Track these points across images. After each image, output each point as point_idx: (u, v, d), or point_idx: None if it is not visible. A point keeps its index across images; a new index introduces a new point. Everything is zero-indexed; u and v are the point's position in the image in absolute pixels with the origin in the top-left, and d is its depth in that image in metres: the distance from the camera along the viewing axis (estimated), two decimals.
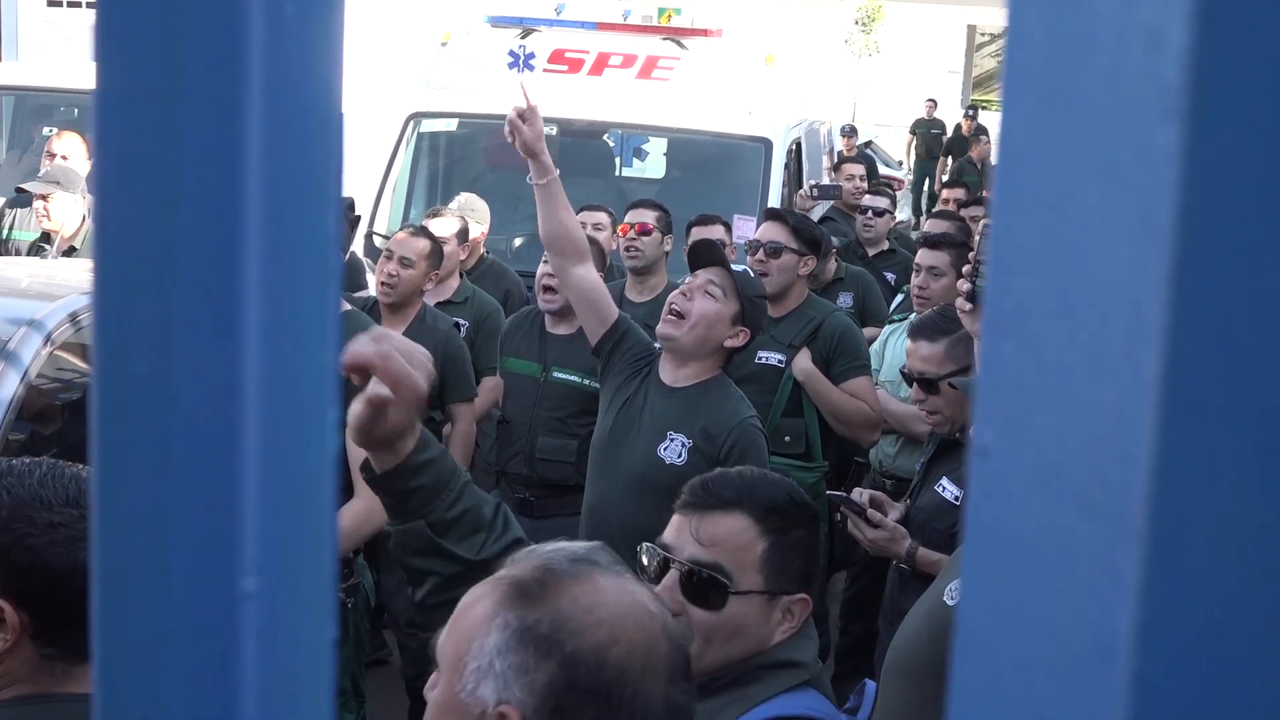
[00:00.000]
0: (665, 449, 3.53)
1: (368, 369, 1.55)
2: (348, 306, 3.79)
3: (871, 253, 7.61)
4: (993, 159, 0.41)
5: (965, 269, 2.60)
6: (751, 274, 3.78)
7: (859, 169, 9.04)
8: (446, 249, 5.44)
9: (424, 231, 5.13)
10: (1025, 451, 0.37)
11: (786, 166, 7.77)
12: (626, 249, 5.49)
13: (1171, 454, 0.34)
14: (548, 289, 4.72)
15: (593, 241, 4.93)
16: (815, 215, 7.61)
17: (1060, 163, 0.35)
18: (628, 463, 3.51)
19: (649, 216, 5.61)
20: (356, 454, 3.71)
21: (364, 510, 3.59)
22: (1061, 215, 0.35)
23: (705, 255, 3.71)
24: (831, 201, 8.48)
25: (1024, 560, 0.36)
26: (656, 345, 3.68)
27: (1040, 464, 0.36)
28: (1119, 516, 0.34)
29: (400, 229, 5.43)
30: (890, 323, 5.58)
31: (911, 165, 19.98)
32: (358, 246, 7.33)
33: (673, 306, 3.56)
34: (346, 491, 3.61)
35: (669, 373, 3.59)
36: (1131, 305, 0.34)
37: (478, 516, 1.67)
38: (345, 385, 4.19)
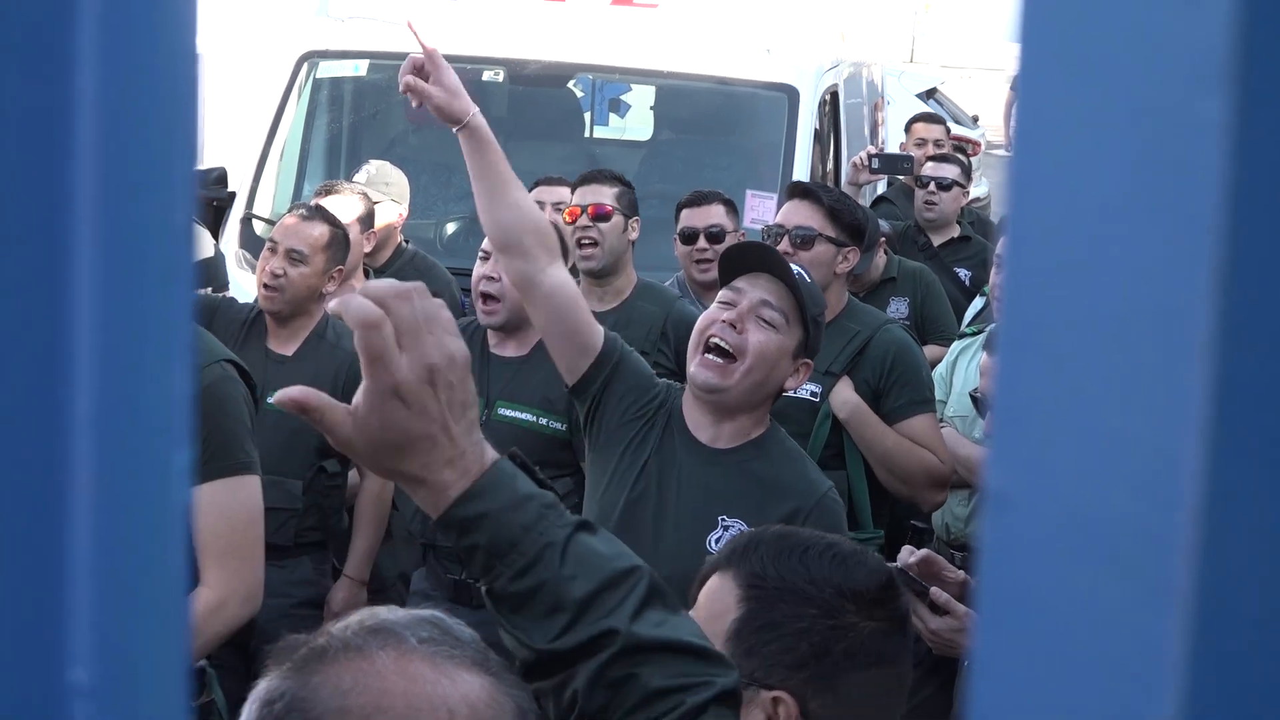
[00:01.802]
0: (718, 540, 3.35)
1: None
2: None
3: (937, 241, 7.63)
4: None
5: None
6: (807, 278, 3.56)
7: (936, 130, 9.01)
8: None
9: (320, 214, 5.17)
10: (1047, 498, 0.40)
11: (818, 133, 7.83)
12: (579, 242, 5.47)
13: (1222, 500, 0.38)
14: (488, 297, 4.74)
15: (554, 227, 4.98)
16: (863, 197, 7.65)
17: (1084, 142, 0.39)
18: (662, 560, 3.24)
19: (606, 194, 5.58)
20: (210, 522, 3.67)
21: (215, 604, 3.55)
22: (1086, 205, 0.39)
23: (753, 259, 3.55)
24: (898, 178, 8.50)
25: (1046, 632, 0.40)
26: (662, 379, 3.59)
27: (1065, 513, 0.40)
28: (1160, 577, 0.38)
29: (289, 211, 5.47)
30: (962, 337, 5.60)
31: (1012, 133, 20.00)
32: (232, 236, 7.36)
33: (713, 341, 3.39)
34: (194, 578, 3.59)
35: (706, 428, 3.46)
36: (1171, 315, 0.38)
37: (558, 595, 1.66)
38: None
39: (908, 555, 3.38)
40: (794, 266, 3.60)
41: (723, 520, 3.42)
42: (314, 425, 1.62)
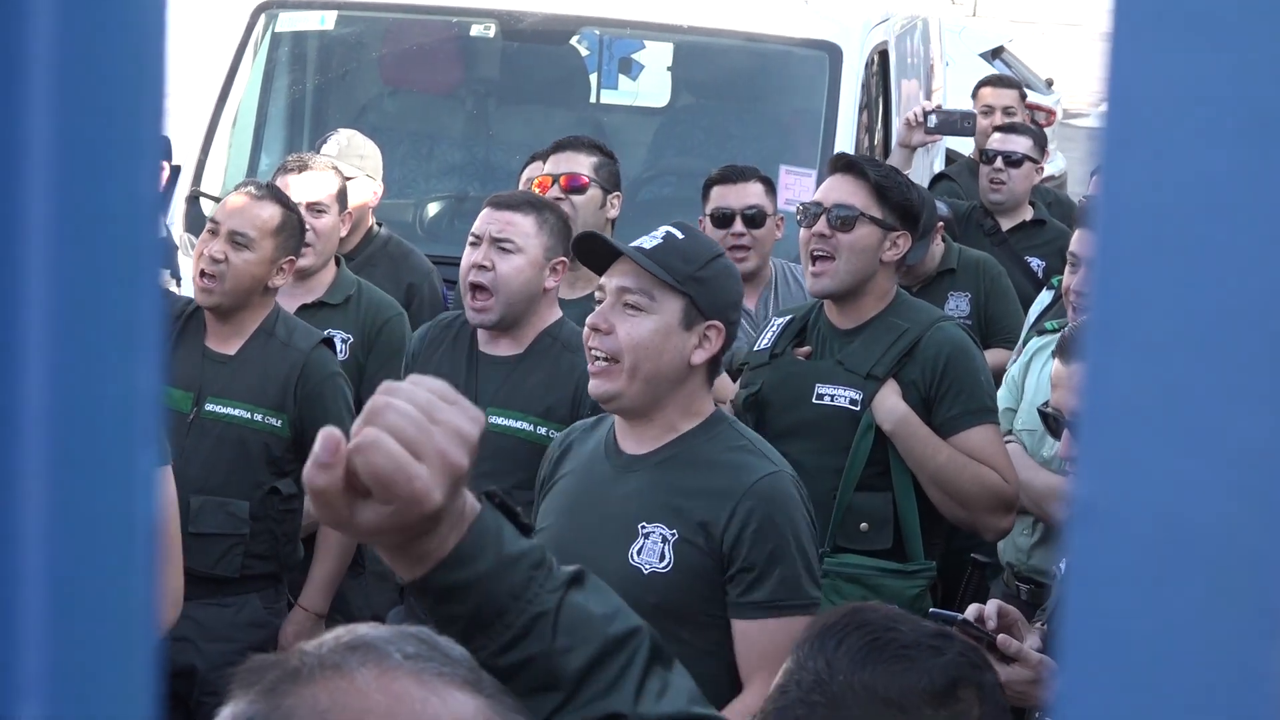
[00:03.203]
0: (640, 551, 3.60)
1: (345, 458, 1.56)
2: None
3: (1006, 225, 7.63)
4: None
5: None
6: (678, 234, 3.73)
7: (1008, 96, 8.97)
8: (322, 221, 5.48)
9: (271, 192, 5.15)
10: (1142, 511, 0.41)
11: (864, 99, 7.81)
12: None
13: None
14: (478, 288, 4.75)
15: (553, 208, 4.99)
16: (915, 173, 7.62)
17: (1186, 109, 0.40)
18: None
19: (582, 164, 5.65)
20: None
21: None
22: (1188, 183, 0.40)
23: (595, 250, 3.79)
24: (964, 139, 8.45)
25: (1139, 659, 0.41)
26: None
27: (1161, 528, 0.41)
28: (1267, 596, 0.39)
29: (236, 188, 5.46)
30: (1042, 333, 5.59)
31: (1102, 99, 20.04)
32: (176, 217, 7.38)
33: (590, 347, 3.65)
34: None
35: (628, 436, 3.71)
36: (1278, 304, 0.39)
37: (550, 670, 1.68)
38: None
39: (975, 611, 3.42)
40: (673, 228, 3.75)
41: (643, 528, 3.59)
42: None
